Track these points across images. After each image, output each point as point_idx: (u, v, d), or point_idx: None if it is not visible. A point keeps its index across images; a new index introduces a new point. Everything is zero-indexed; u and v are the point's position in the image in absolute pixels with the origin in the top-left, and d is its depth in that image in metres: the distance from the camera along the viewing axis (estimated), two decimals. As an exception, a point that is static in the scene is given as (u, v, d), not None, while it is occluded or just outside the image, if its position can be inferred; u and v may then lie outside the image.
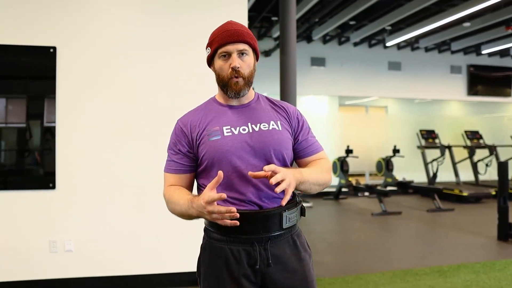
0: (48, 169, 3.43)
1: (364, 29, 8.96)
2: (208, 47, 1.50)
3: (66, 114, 3.43)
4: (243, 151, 1.42)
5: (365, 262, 4.44)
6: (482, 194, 8.68)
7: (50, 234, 3.40)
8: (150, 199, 3.52)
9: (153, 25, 3.60)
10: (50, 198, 3.40)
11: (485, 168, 9.79)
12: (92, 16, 3.49)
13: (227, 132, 1.44)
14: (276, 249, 1.43)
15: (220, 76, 1.47)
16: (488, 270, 4.13)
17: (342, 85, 10.40)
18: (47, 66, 3.41)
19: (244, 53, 1.45)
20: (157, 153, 3.54)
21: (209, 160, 1.42)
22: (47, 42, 3.40)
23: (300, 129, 1.57)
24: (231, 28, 1.46)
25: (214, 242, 1.45)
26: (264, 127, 1.47)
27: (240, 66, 1.43)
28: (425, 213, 7.44)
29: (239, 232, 1.39)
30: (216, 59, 1.48)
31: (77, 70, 3.45)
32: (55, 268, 3.41)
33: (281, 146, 1.47)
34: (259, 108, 1.53)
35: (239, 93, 1.46)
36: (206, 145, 1.43)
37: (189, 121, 1.50)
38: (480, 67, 11.44)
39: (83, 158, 3.46)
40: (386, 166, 9.37)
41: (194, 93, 3.61)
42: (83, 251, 3.44)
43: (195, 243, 3.76)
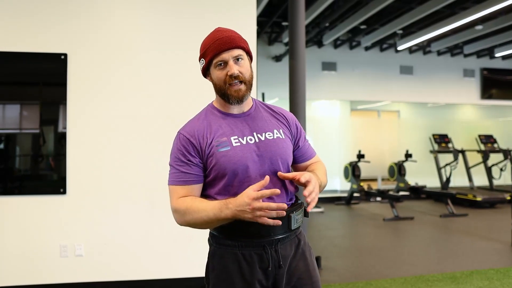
0: (60, 174, 3.46)
1: (375, 33, 8.92)
2: (202, 59, 1.49)
3: (77, 120, 3.47)
4: (252, 161, 1.43)
5: (376, 268, 4.39)
6: (496, 199, 8.54)
7: (60, 239, 3.43)
8: (160, 203, 3.54)
9: (162, 30, 3.62)
10: (61, 203, 3.44)
11: (499, 172, 9.66)
12: (102, 22, 3.53)
13: (236, 143, 1.43)
14: (284, 250, 1.45)
15: (218, 85, 1.46)
16: (502, 276, 4.06)
17: (353, 90, 10.36)
18: (59, 73, 3.46)
19: (239, 58, 1.45)
20: (167, 157, 3.57)
21: (220, 171, 1.41)
22: (58, 49, 3.45)
23: (299, 135, 1.61)
24: (222, 35, 1.45)
25: (225, 248, 1.44)
26: (269, 136, 1.49)
27: (239, 72, 1.43)
28: (438, 219, 7.35)
29: (251, 236, 1.40)
30: (212, 69, 1.47)
31: (88, 76, 3.49)
32: (66, 273, 3.43)
33: (286, 154, 1.51)
34: (260, 116, 1.54)
35: (242, 100, 1.46)
36: (215, 156, 1.41)
37: (195, 131, 1.46)
38: (493, 70, 11.31)
39: (94, 163, 3.49)
40: (398, 171, 9.28)
41: (204, 98, 3.62)
42: (94, 255, 3.47)
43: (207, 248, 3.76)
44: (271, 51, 9.88)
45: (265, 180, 1.29)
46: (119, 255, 3.51)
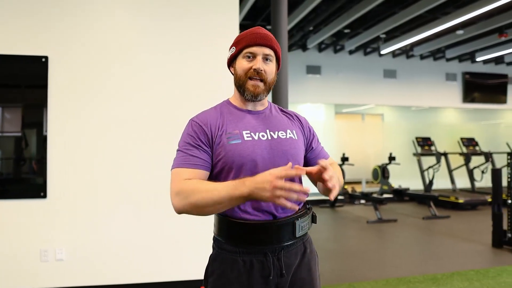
0: (41, 178, 3.42)
1: (359, 37, 9.00)
2: (233, 47, 1.47)
3: (58, 123, 3.44)
4: (262, 157, 1.38)
5: (359, 270, 4.42)
6: (478, 201, 8.68)
7: (41, 243, 3.39)
8: (143, 206, 3.53)
9: (144, 33, 3.61)
10: (41, 207, 3.40)
11: (481, 175, 9.81)
12: (84, 26, 3.50)
13: (247, 137, 1.40)
14: (289, 258, 1.40)
15: (238, 75, 1.44)
16: (481, 277, 4.12)
17: (338, 93, 10.43)
18: (40, 76, 3.42)
19: (268, 58, 1.43)
20: (150, 159, 3.56)
21: (228, 163, 1.36)
22: (39, 52, 3.42)
23: (312, 137, 1.59)
24: (261, 31, 1.45)
25: (225, 253, 1.40)
26: (282, 135, 1.45)
27: (263, 70, 1.41)
28: (421, 221, 7.43)
29: (252, 243, 1.36)
30: (239, 59, 1.45)
31: (69, 79, 3.46)
32: (46, 277, 3.39)
33: (298, 155, 1.46)
34: (274, 116, 1.52)
35: (256, 97, 1.43)
36: (224, 148, 1.37)
37: (207, 120, 1.42)
38: (475, 74, 11.50)
39: (75, 166, 3.46)
40: (382, 173, 9.37)
41: (191, 102, 3.63)
42: (75, 260, 3.43)
43: (193, 251, 3.76)
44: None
45: (288, 165, 1.19)
46: (101, 259, 3.48)
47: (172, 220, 3.56)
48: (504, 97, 11.72)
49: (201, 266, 3.69)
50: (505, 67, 11.79)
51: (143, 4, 3.64)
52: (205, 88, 3.66)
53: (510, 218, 5.20)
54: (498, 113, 12.78)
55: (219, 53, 3.68)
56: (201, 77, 3.67)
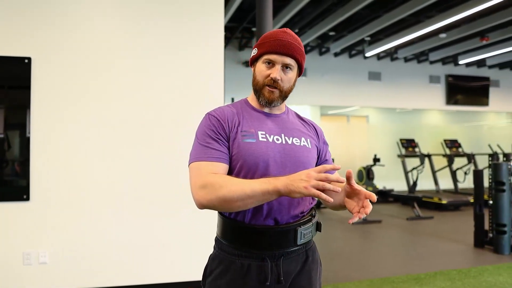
0: (24, 180, 3.38)
1: (344, 40, 9.09)
2: (256, 48, 1.44)
3: (41, 125, 3.40)
4: (274, 161, 1.35)
5: (344, 271, 4.46)
6: (461, 202, 8.81)
7: (23, 247, 3.35)
8: (128, 208, 3.51)
9: (128, 36, 3.60)
10: (24, 210, 3.35)
11: (463, 176, 9.96)
12: (68, 28, 3.47)
13: (262, 138, 1.37)
14: (288, 265, 1.37)
15: (256, 79, 1.42)
16: (463, 277, 4.19)
17: (323, 95, 10.51)
18: (23, 77, 3.38)
19: (288, 67, 1.39)
20: (134, 162, 3.55)
21: (239, 161, 1.34)
22: (22, 53, 3.38)
23: (325, 150, 1.56)
24: (284, 38, 1.39)
25: (224, 254, 1.38)
26: (296, 142, 1.42)
27: (280, 79, 1.38)
28: (405, 221, 7.52)
29: (251, 246, 1.33)
30: (259, 62, 1.42)
31: (53, 80, 3.43)
32: (29, 281, 3.35)
33: (309, 164, 1.42)
34: (290, 121, 1.49)
35: (270, 103, 1.41)
36: (238, 145, 1.34)
37: (225, 114, 1.40)
38: (458, 77, 11.68)
39: (58, 169, 3.42)
40: (367, 175, 9.46)
41: (177, 104, 3.62)
42: (59, 263, 3.39)
43: (179, 253, 3.76)
44: (241, 56, 9.92)
45: (348, 172, 1.23)
46: (85, 262, 3.45)
47: (158, 222, 3.56)
48: (486, 99, 11.92)
49: (188, 268, 3.69)
50: (487, 70, 12.00)
51: (127, 7, 3.62)
52: (191, 90, 3.66)
53: (492, 219, 5.29)
54: (480, 115, 13.00)
55: (204, 55, 3.69)
56: (186, 79, 3.67)
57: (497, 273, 4.31)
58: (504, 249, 5.11)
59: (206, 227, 3.63)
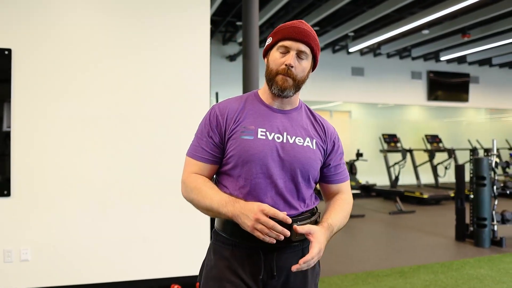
0: (3, 176, 3.30)
1: (328, 35, 9.10)
2: (270, 37, 1.41)
3: (22, 119, 3.31)
4: (271, 159, 1.33)
5: (328, 265, 4.49)
6: (441, 196, 8.95)
7: (4, 244, 3.27)
8: (112, 203, 3.46)
9: (114, 29, 3.53)
10: (4, 206, 3.27)
11: (444, 171, 10.11)
12: (51, 19, 3.39)
13: (261, 135, 1.35)
14: (283, 261, 1.35)
15: (269, 68, 1.38)
16: (446, 270, 4.25)
17: (306, 90, 10.35)
18: (2, 69, 3.29)
19: (303, 55, 1.36)
20: (118, 157, 3.49)
21: (235, 158, 1.34)
22: (2, 44, 3.28)
23: (333, 153, 1.49)
24: (300, 26, 1.37)
25: (220, 244, 1.39)
26: (299, 141, 1.39)
27: (294, 66, 1.34)
28: (387, 216, 7.61)
29: (245, 239, 1.32)
30: (273, 51, 1.38)
31: (35, 73, 3.34)
32: (10, 279, 3.27)
33: (309, 166, 1.39)
34: (299, 119, 1.44)
35: (283, 91, 1.36)
36: (236, 142, 1.35)
37: (226, 109, 1.39)
38: (439, 73, 11.84)
39: (40, 163, 3.35)
40: (350, 170, 9.52)
41: (159, 100, 3.58)
42: (41, 260, 3.32)
43: (164, 248, 3.72)
44: (225, 50, 9.86)
45: (284, 216, 1.23)
46: (68, 259, 3.39)
47: (142, 218, 3.51)
48: (466, 95, 12.12)
49: (171, 264, 3.65)
50: (467, 67, 12.19)
51: (111, 0, 3.55)
52: (176, 85, 3.62)
53: (472, 213, 5.38)
54: (460, 111, 13.21)
55: (189, 48, 3.64)
56: (171, 74, 3.62)
57: (478, 265, 4.39)
58: (485, 243, 5.21)
59: (192, 223, 3.60)
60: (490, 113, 13.91)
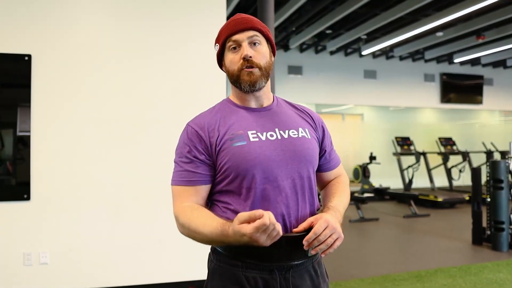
0: (22, 180, 3.34)
1: (340, 38, 9.09)
2: (216, 44, 1.33)
3: (42, 123, 3.35)
4: (272, 160, 1.22)
5: (344, 268, 4.46)
6: (456, 200, 8.86)
7: (24, 247, 3.30)
8: (130, 208, 3.48)
9: (133, 33, 3.56)
10: (24, 210, 3.31)
11: (458, 174, 10.01)
12: (71, 24, 3.43)
13: (253, 138, 1.23)
14: (297, 279, 1.23)
15: (230, 71, 1.28)
16: (464, 274, 4.21)
17: (318, 93, 10.51)
18: (22, 74, 3.33)
19: (256, 42, 1.27)
20: (136, 162, 3.51)
21: (232, 169, 1.21)
22: (22, 50, 3.33)
23: (326, 138, 1.42)
24: (239, 17, 1.30)
25: (227, 267, 1.23)
26: (293, 134, 1.29)
27: (252, 56, 1.24)
28: (402, 219, 7.55)
29: (258, 258, 1.19)
30: (225, 54, 1.30)
31: (54, 78, 3.38)
32: (29, 282, 3.30)
33: (312, 157, 1.31)
34: (282, 111, 1.35)
35: (254, 85, 1.25)
36: (228, 152, 1.21)
37: (204, 124, 1.26)
38: (452, 76, 11.74)
39: (60, 168, 3.38)
40: (363, 173, 9.46)
41: (175, 102, 3.59)
42: (60, 263, 3.36)
43: (178, 253, 3.72)
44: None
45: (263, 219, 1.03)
46: (86, 263, 3.42)
47: (158, 223, 3.53)
48: (480, 97, 12.00)
49: (185, 268, 3.66)
50: (481, 69, 12.08)
51: (127, 4, 3.58)
52: (191, 88, 3.63)
53: (490, 216, 5.32)
54: (474, 113, 13.08)
55: (205, 52, 3.66)
56: (186, 77, 3.64)
57: (497, 270, 4.34)
58: (503, 246, 5.14)
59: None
60: (504, 115, 13.75)
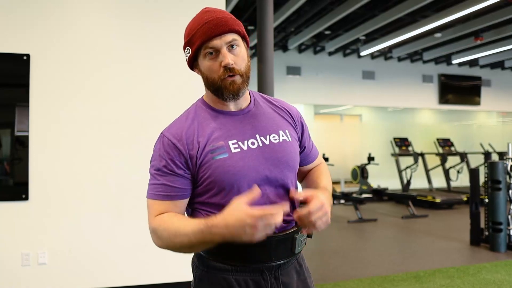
0: (20, 180, 3.33)
1: (339, 39, 9.10)
2: (188, 47, 1.21)
3: (40, 123, 3.35)
4: (255, 171, 1.18)
5: (342, 269, 4.47)
6: (454, 200, 8.87)
7: (22, 247, 3.30)
8: (128, 207, 3.48)
9: (131, 34, 3.56)
10: (22, 210, 3.30)
11: (456, 174, 10.03)
12: (69, 25, 3.43)
13: (235, 148, 1.18)
14: (285, 276, 1.24)
15: (210, 79, 1.19)
16: (462, 274, 4.21)
17: (317, 94, 10.52)
18: (20, 74, 3.33)
19: (234, 44, 1.18)
20: (136, 162, 3.51)
21: (215, 183, 1.16)
22: (21, 50, 3.32)
23: (304, 134, 1.39)
24: (212, 17, 1.17)
25: (215, 272, 1.20)
26: (274, 139, 1.24)
27: (234, 62, 1.16)
28: (400, 220, 7.55)
29: (247, 260, 1.18)
30: (201, 60, 1.20)
31: (53, 78, 3.38)
32: (28, 283, 3.30)
33: (294, 161, 1.28)
34: (261, 113, 1.29)
35: (238, 94, 1.19)
36: (210, 166, 1.16)
37: (182, 135, 1.18)
38: (450, 77, 11.76)
39: (58, 168, 3.38)
40: (361, 173, 9.48)
41: (174, 103, 3.59)
42: (58, 264, 3.35)
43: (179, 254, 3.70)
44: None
45: (254, 192, 1.08)
46: (85, 263, 3.41)
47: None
48: (478, 98, 12.03)
49: (186, 268, 3.64)
50: (479, 70, 12.10)
51: (125, 3, 3.58)
52: (190, 90, 3.62)
53: (488, 217, 5.33)
54: (472, 114, 13.11)
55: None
56: (185, 78, 3.64)
57: (495, 270, 4.35)
58: (500, 247, 5.15)
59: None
60: (502, 116, 13.79)
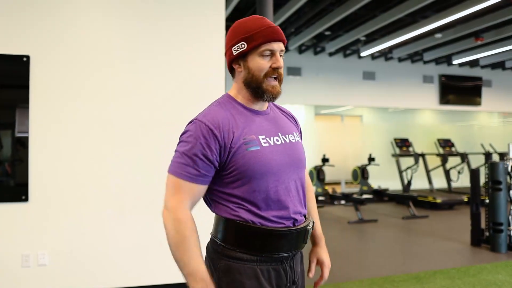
0: (21, 181, 3.33)
1: (339, 40, 9.09)
2: (243, 42, 1.29)
3: (41, 124, 3.35)
4: (281, 165, 1.31)
5: (343, 270, 4.46)
6: (455, 201, 8.86)
7: (22, 248, 3.29)
8: (128, 208, 3.48)
9: (132, 35, 3.56)
10: (23, 211, 3.30)
11: (457, 175, 10.02)
12: (69, 26, 3.43)
13: (264, 143, 1.29)
14: (296, 264, 1.38)
15: (255, 76, 1.30)
16: (462, 275, 4.21)
17: (318, 95, 10.51)
18: (20, 75, 3.33)
19: (281, 54, 1.34)
20: (136, 163, 3.51)
21: (246, 172, 1.25)
22: (20, 51, 3.33)
23: (301, 139, 1.52)
24: (272, 25, 1.32)
25: (241, 263, 1.28)
26: (292, 138, 1.38)
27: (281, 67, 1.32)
28: (401, 220, 7.55)
29: (273, 251, 1.29)
30: (253, 56, 1.30)
31: (54, 79, 3.38)
32: (28, 284, 3.29)
33: (305, 160, 1.43)
34: (278, 116, 1.43)
35: (275, 98, 1.33)
36: (243, 156, 1.25)
37: (219, 122, 1.26)
38: (451, 77, 11.75)
39: (58, 168, 3.37)
40: (361, 174, 9.48)
41: (175, 103, 3.59)
42: (59, 264, 3.35)
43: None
44: (237, 55, 9.88)
45: None
46: (86, 264, 3.41)
47: (159, 223, 3.51)
48: (479, 99, 12.01)
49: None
50: (480, 70, 12.09)
51: (126, 4, 3.58)
52: (191, 90, 3.63)
53: (488, 218, 5.32)
54: (473, 115, 13.10)
55: (204, 53, 3.66)
56: (186, 79, 3.64)
57: (496, 271, 4.34)
58: (501, 248, 5.14)
59: (209, 227, 3.60)
60: (503, 116, 13.77)
